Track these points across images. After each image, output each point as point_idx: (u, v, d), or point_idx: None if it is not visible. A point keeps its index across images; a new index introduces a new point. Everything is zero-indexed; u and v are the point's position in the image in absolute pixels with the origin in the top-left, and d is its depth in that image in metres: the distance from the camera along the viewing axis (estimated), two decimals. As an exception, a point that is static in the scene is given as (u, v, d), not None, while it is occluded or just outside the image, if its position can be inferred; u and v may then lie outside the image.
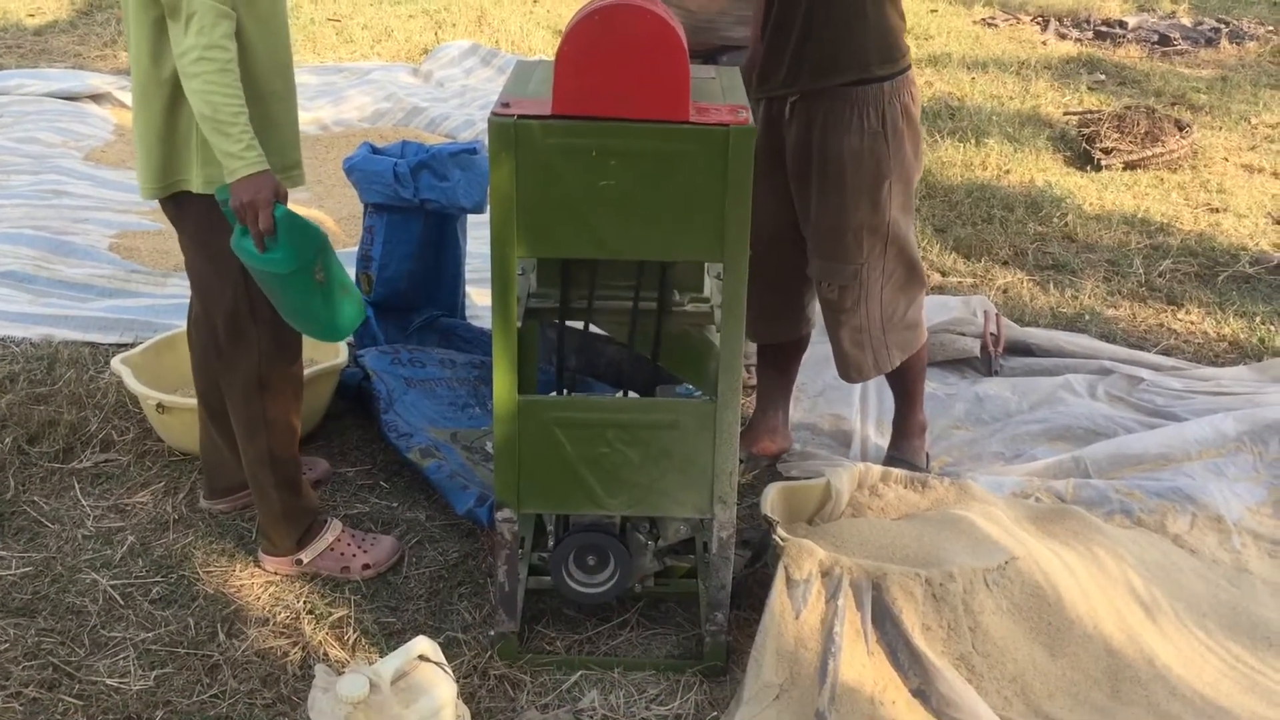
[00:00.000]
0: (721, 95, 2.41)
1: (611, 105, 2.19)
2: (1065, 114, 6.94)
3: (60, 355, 3.74)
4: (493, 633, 2.60)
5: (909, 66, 2.91)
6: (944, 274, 4.68)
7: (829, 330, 3.11)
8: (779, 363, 3.37)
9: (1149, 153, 5.97)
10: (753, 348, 3.80)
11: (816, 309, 3.21)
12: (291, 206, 2.43)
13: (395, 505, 3.13)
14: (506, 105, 2.24)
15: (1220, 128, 6.78)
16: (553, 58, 2.22)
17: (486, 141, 2.25)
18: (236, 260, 2.47)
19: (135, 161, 2.61)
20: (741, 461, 3.27)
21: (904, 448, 3.26)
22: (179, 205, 2.59)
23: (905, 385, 3.23)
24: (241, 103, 2.32)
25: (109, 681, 2.48)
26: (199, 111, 2.32)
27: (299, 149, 2.64)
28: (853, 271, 2.95)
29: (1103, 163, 5.95)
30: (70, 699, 2.43)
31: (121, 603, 2.72)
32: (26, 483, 3.14)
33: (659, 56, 2.16)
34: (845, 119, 2.85)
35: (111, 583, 2.77)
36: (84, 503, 3.07)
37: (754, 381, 3.55)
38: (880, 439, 3.46)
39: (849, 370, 3.12)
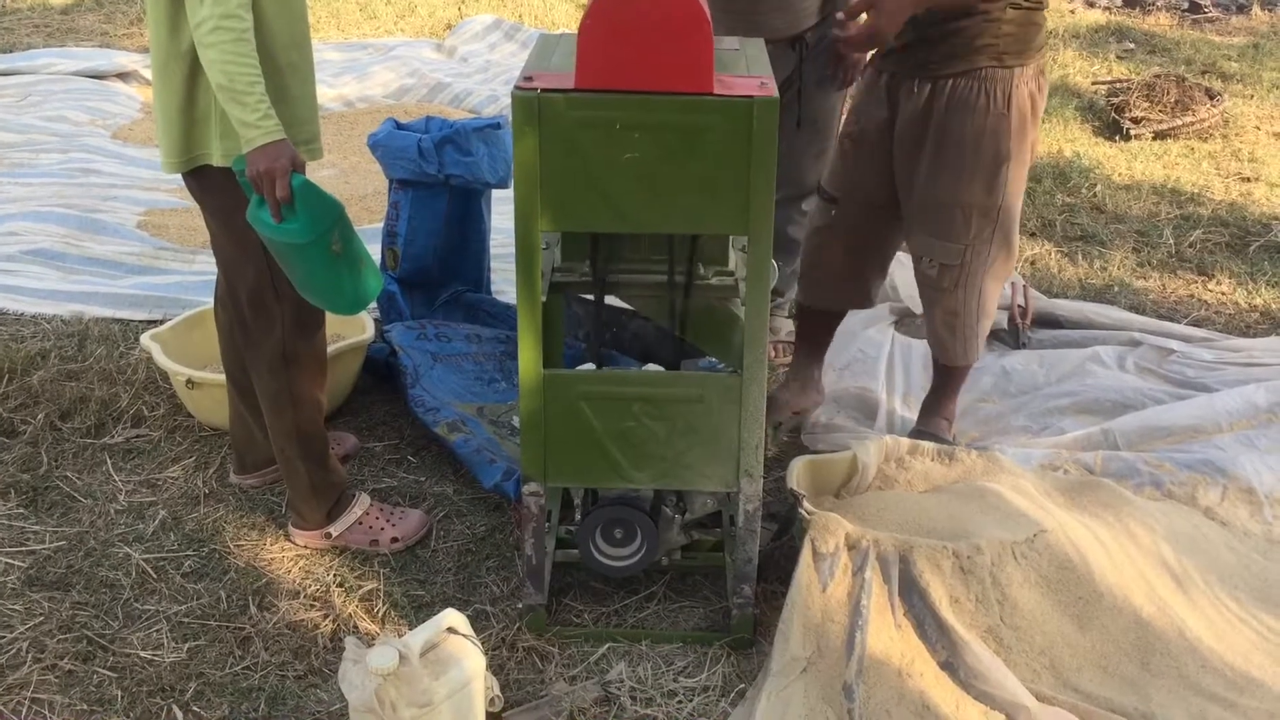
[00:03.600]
0: (745, 67, 2.39)
1: (635, 78, 2.17)
2: (1094, 83, 6.86)
3: (91, 332, 3.77)
4: (521, 605, 2.62)
5: (1039, 56, 2.87)
6: (971, 246, 4.64)
7: (924, 308, 3.11)
8: (815, 330, 3.37)
9: (1179, 122, 5.90)
10: (779, 325, 3.81)
11: (883, 291, 3.20)
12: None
13: (423, 479, 3.15)
14: (530, 79, 2.23)
15: (1252, 96, 6.69)
16: (576, 31, 2.21)
17: (510, 116, 2.25)
18: (259, 236, 2.47)
19: (156, 136, 2.62)
20: (779, 424, 3.28)
21: (931, 424, 3.25)
22: (201, 180, 2.59)
23: (951, 378, 3.21)
24: (258, 72, 2.32)
25: (143, 654, 2.51)
26: (215, 81, 2.32)
27: (317, 123, 2.64)
28: (957, 251, 2.92)
29: (1132, 132, 5.89)
30: (105, 671, 2.47)
31: (154, 576, 2.75)
32: (59, 458, 3.18)
33: (682, 28, 2.15)
34: (972, 98, 2.81)
35: (144, 556, 2.81)
36: (116, 478, 3.11)
37: (785, 359, 3.56)
38: (907, 412, 3.45)
39: (937, 347, 3.12)
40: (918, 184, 2.92)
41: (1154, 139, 5.85)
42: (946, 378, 3.22)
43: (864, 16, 2.76)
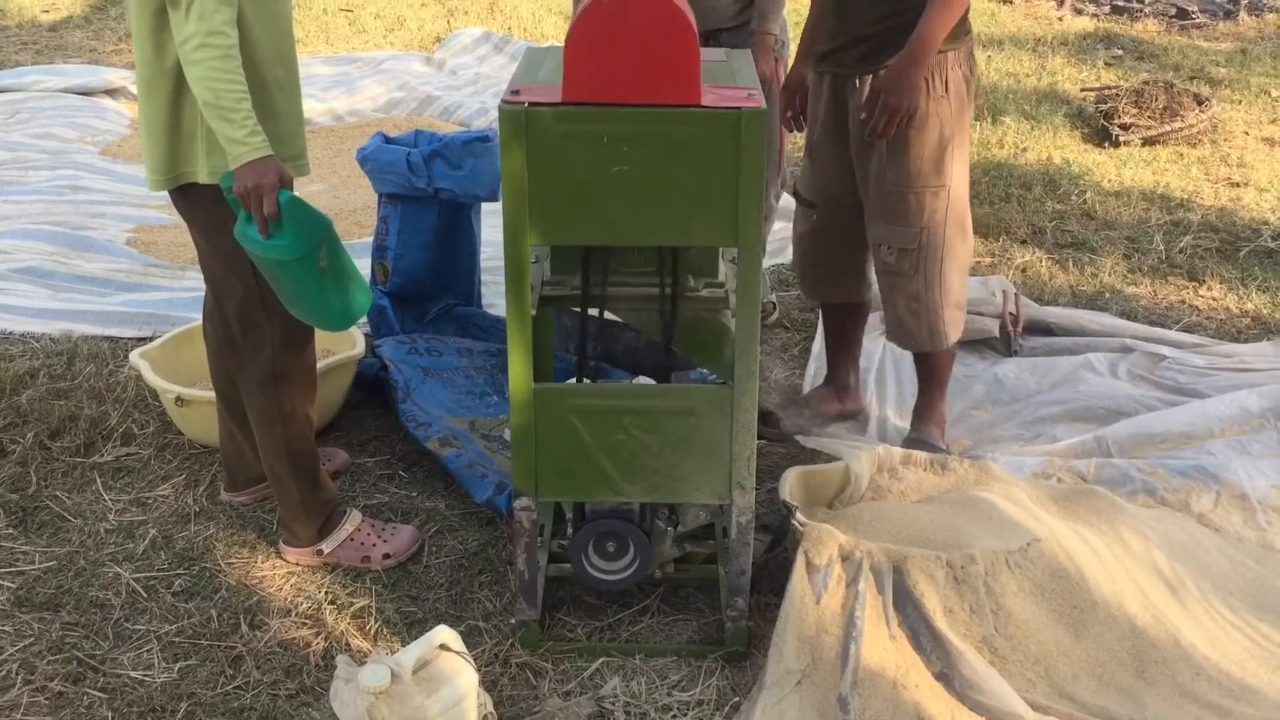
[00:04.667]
0: (733, 78, 2.39)
1: (622, 90, 2.17)
2: (1083, 90, 6.87)
3: (80, 350, 3.76)
4: (514, 621, 2.60)
5: (970, 41, 2.98)
6: (962, 254, 4.64)
7: (884, 297, 3.15)
8: (840, 326, 3.43)
9: (1168, 128, 5.91)
10: None
11: (874, 300, 3.28)
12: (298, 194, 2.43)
13: (414, 495, 3.14)
14: (517, 93, 2.23)
15: (1240, 101, 6.71)
16: (563, 44, 2.21)
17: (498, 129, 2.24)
18: (247, 253, 2.46)
19: (142, 153, 2.61)
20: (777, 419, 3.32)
21: (924, 431, 3.25)
22: (188, 197, 2.59)
23: (934, 373, 3.23)
24: (244, 88, 2.31)
25: (133, 674, 2.50)
26: (201, 98, 2.31)
27: (303, 139, 2.64)
28: (914, 235, 2.99)
29: (1121, 139, 5.90)
30: (95, 692, 2.45)
31: (144, 595, 2.73)
32: (48, 478, 3.16)
33: (669, 40, 2.15)
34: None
35: (134, 576, 2.79)
36: (105, 497, 3.09)
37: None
38: (899, 420, 3.44)
39: (902, 337, 3.16)
40: (872, 174, 3.02)
41: (1143, 145, 5.87)
42: (928, 377, 3.24)
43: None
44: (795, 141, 5.57)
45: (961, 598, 2.46)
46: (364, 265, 3.45)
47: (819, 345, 3.86)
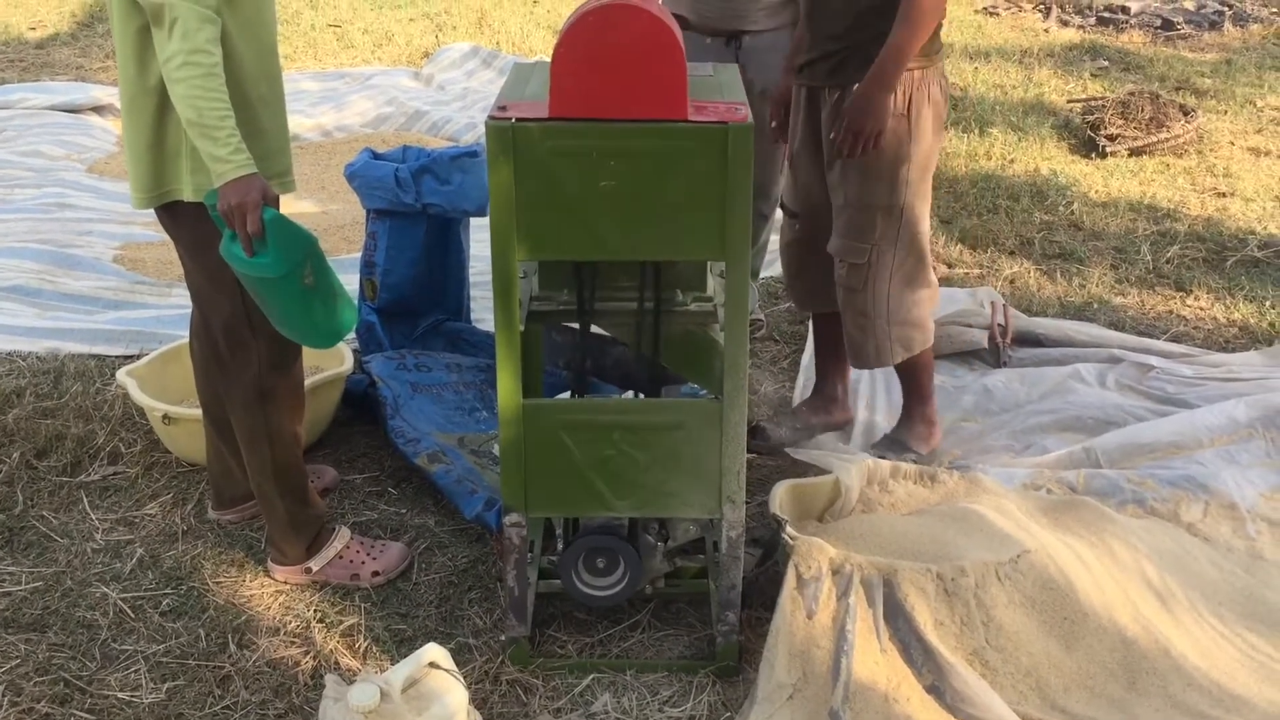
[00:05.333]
0: (720, 92, 2.39)
1: (609, 106, 2.17)
2: (1069, 101, 6.90)
3: (67, 368, 3.74)
4: (504, 637, 2.59)
5: (940, 59, 2.97)
6: (950, 265, 4.66)
7: (841, 312, 3.15)
8: (829, 336, 3.42)
9: (1154, 138, 5.94)
10: None
11: None
12: (284, 211, 2.42)
13: (404, 511, 3.13)
14: (504, 109, 2.23)
15: (1225, 112, 6.74)
16: (550, 59, 2.21)
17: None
18: (233, 271, 2.46)
19: (127, 171, 2.60)
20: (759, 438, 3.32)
21: (904, 431, 3.29)
22: (173, 216, 2.58)
23: (911, 381, 3.26)
24: (228, 106, 2.31)
25: (121, 695, 2.48)
26: (185, 117, 2.31)
27: (289, 156, 2.63)
28: (863, 250, 3.00)
29: (1108, 150, 5.92)
30: (82, 714, 2.43)
31: (132, 615, 2.72)
32: (35, 497, 3.14)
33: (655, 55, 2.15)
34: None
35: (121, 595, 2.77)
36: (93, 516, 3.07)
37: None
38: (889, 428, 3.44)
39: (853, 353, 3.18)
40: (834, 187, 3.04)
41: (1129, 156, 5.89)
42: (905, 386, 3.27)
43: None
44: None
45: (952, 610, 2.46)
46: (352, 281, 3.45)
47: (808, 357, 3.87)
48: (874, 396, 3.65)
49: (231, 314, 2.60)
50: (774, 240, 4.60)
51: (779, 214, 4.93)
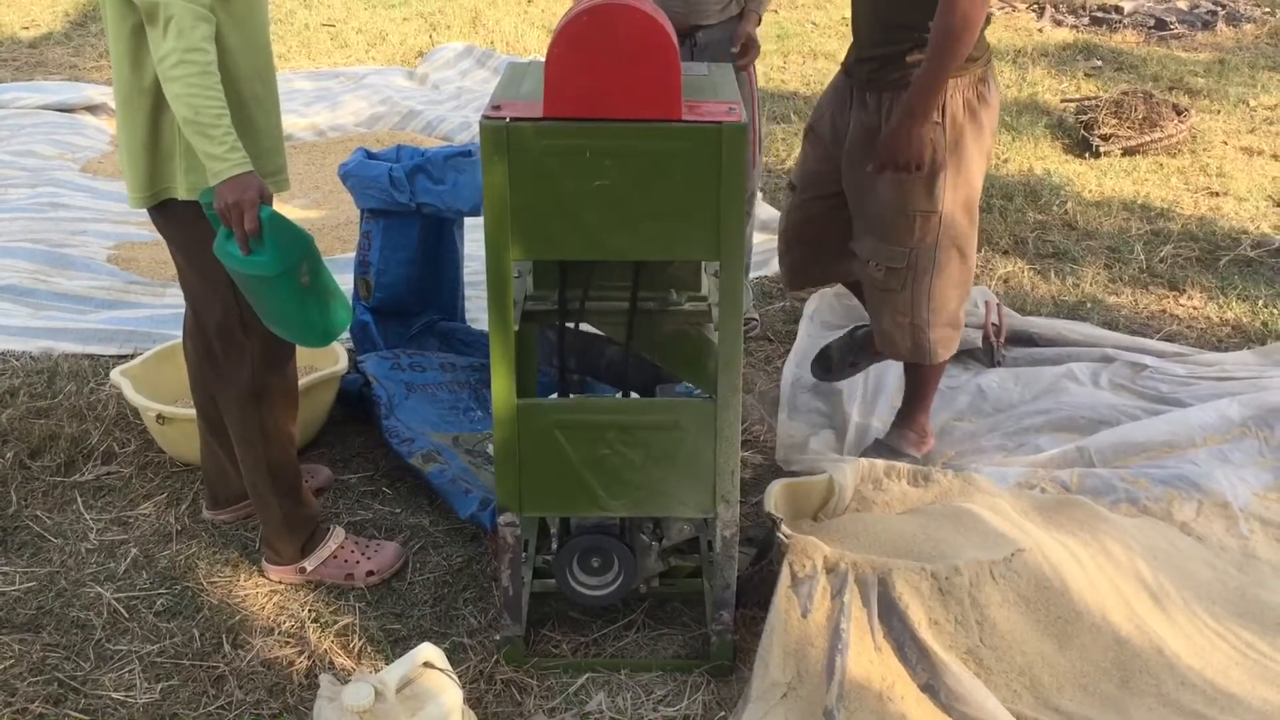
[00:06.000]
0: (714, 92, 2.39)
1: (603, 106, 2.17)
2: (1063, 101, 6.91)
3: (60, 368, 3.74)
4: (498, 637, 2.59)
5: (982, 65, 2.92)
6: (944, 265, 4.65)
7: (869, 307, 3.14)
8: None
9: (1147, 138, 5.94)
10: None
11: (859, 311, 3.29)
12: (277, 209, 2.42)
13: (398, 511, 3.13)
14: (498, 108, 2.23)
15: (1219, 111, 6.75)
16: (544, 58, 2.21)
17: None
18: (226, 270, 2.45)
19: (122, 171, 2.60)
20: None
21: (895, 436, 3.28)
22: (166, 214, 2.58)
23: (918, 386, 3.24)
24: (223, 105, 2.31)
25: (115, 695, 2.48)
26: (181, 115, 2.31)
27: (283, 154, 2.63)
28: (903, 254, 2.97)
29: (1101, 149, 5.93)
30: (76, 714, 2.43)
31: (126, 616, 2.71)
32: (29, 497, 3.14)
33: (649, 55, 2.15)
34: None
35: (115, 596, 2.77)
36: (86, 516, 3.07)
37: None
38: (882, 430, 3.44)
39: (886, 345, 3.15)
40: (865, 190, 3.00)
41: (1123, 155, 5.90)
42: (912, 388, 3.25)
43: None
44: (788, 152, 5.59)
45: (946, 609, 2.46)
46: (346, 281, 3.44)
47: (800, 343, 3.91)
48: (868, 400, 3.65)
49: (225, 313, 2.60)
50: (762, 239, 4.62)
51: (759, 210, 4.97)
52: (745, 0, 3.69)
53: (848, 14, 3.10)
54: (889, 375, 3.70)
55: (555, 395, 2.70)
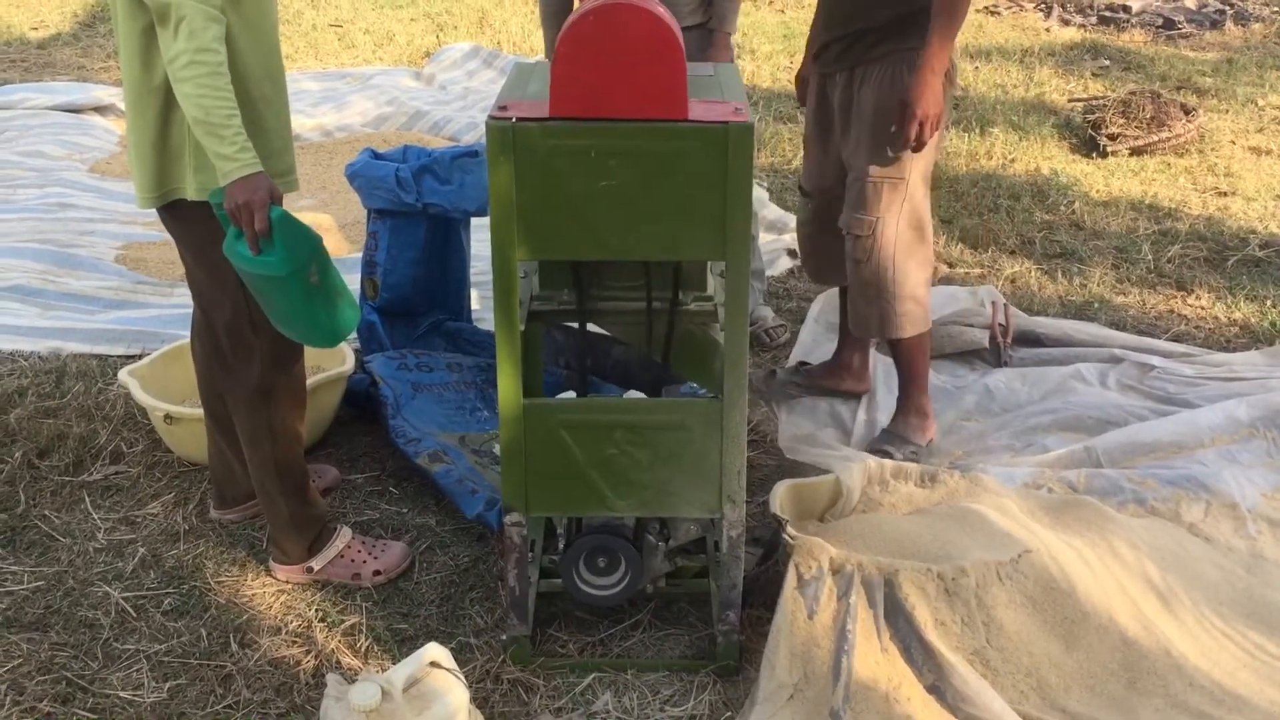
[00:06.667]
0: (720, 92, 2.39)
1: (610, 105, 2.17)
2: (1070, 101, 6.90)
3: (69, 368, 3.75)
4: (505, 637, 2.60)
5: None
6: (951, 265, 4.66)
7: (848, 285, 3.26)
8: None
9: (1155, 138, 5.93)
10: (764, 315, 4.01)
11: None
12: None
13: (405, 511, 3.13)
14: (504, 108, 2.23)
15: (1227, 111, 6.74)
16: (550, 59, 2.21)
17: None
18: (235, 270, 2.46)
19: (131, 171, 2.61)
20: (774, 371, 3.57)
21: (899, 423, 3.32)
22: (175, 214, 2.58)
23: (909, 368, 3.28)
24: (233, 105, 2.31)
25: (123, 694, 2.48)
26: (191, 115, 2.31)
27: (292, 154, 2.64)
28: (869, 223, 3.08)
29: (1109, 149, 5.92)
30: (84, 713, 2.43)
31: (134, 615, 2.72)
32: (37, 497, 3.15)
33: (656, 55, 2.15)
34: (884, 77, 3.03)
35: (123, 595, 2.78)
36: (95, 515, 3.08)
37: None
38: (886, 421, 3.44)
39: (857, 324, 3.25)
40: (845, 162, 3.16)
41: (1130, 155, 5.89)
42: (901, 370, 3.30)
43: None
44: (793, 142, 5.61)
45: (953, 610, 2.46)
46: (353, 280, 3.44)
47: (805, 334, 4.00)
48: (875, 394, 3.65)
49: (233, 313, 2.61)
50: (765, 239, 4.62)
51: (766, 210, 4.97)
52: (711, 10, 3.66)
53: None
54: (891, 377, 3.70)
55: (565, 394, 2.70)
